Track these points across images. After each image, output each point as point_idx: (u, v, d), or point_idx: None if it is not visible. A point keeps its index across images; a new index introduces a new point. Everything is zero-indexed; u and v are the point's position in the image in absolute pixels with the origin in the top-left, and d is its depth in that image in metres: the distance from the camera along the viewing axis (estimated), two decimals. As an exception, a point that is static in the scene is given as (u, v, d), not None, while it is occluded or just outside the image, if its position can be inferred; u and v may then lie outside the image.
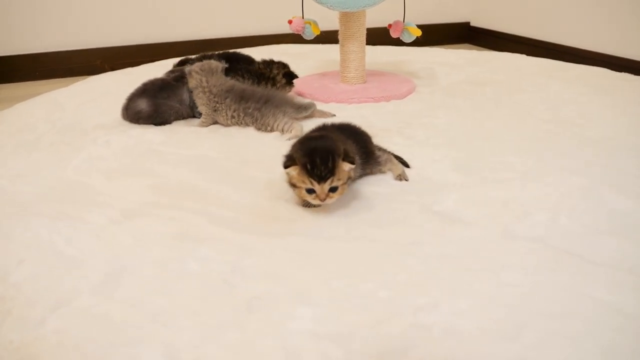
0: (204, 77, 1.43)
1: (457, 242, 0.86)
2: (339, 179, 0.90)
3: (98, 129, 1.46)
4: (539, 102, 1.57)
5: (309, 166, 0.88)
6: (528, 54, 2.17)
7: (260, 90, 1.48)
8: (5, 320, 0.74)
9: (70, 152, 1.30)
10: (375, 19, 2.01)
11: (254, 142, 1.34)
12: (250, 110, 1.41)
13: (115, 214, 0.99)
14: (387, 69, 1.99)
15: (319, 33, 1.72)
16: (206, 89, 1.42)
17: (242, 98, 1.42)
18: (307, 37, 1.73)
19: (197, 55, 1.64)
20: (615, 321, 0.69)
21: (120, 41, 2.42)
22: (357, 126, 1.12)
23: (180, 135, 1.40)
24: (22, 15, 2.28)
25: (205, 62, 1.48)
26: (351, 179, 0.96)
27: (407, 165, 1.15)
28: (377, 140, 1.29)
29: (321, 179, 0.88)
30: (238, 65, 1.59)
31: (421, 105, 1.57)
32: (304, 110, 1.45)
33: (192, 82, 1.44)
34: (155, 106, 1.45)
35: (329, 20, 1.89)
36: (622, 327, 0.68)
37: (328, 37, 2.11)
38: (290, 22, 1.70)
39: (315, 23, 1.71)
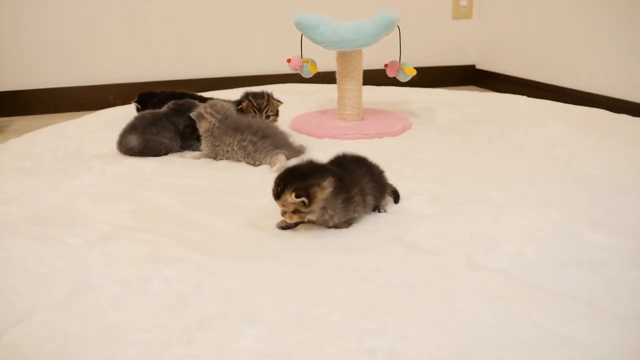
0: (217, 122, 1.44)
1: (419, 270, 0.86)
2: (283, 205, 0.96)
3: (96, 158, 1.51)
4: (532, 141, 1.56)
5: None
6: (531, 96, 2.17)
7: (257, 122, 1.51)
8: (-35, 331, 0.76)
9: (64, 179, 1.35)
10: (380, 60, 2.06)
11: (242, 172, 1.37)
12: (244, 144, 1.44)
13: (91, 236, 1.02)
14: (387, 108, 2.02)
15: (316, 71, 1.77)
16: (215, 134, 1.44)
17: (236, 130, 1.45)
18: (305, 75, 1.79)
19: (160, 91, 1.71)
20: (566, 351, 0.67)
21: (131, 78, 2.52)
22: (370, 160, 1.13)
23: (173, 165, 1.44)
24: (38, 52, 2.41)
25: (217, 104, 1.48)
26: (307, 213, 0.97)
27: (396, 201, 1.16)
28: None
29: (274, 198, 0.97)
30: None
31: (413, 142, 1.59)
32: (297, 153, 1.48)
33: (203, 126, 1.45)
34: (145, 142, 1.49)
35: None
36: (573, 358, 0.66)
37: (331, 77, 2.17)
38: (289, 60, 1.75)
39: (314, 62, 1.76)
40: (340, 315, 0.75)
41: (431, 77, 2.67)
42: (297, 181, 0.95)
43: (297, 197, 0.94)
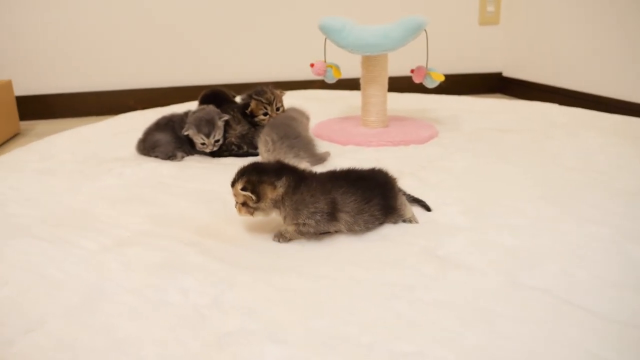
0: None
1: (454, 289, 0.80)
2: (234, 195, 0.95)
3: (115, 161, 1.49)
4: (566, 150, 1.49)
5: None
6: (561, 104, 2.10)
7: (280, 120, 1.49)
8: (-26, 339, 0.72)
9: (83, 181, 1.32)
10: (402, 66, 2.01)
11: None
12: (267, 139, 1.42)
13: (107, 241, 0.98)
14: (412, 116, 1.96)
15: (340, 76, 1.72)
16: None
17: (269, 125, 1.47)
18: (328, 80, 1.74)
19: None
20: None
21: (152, 83, 2.50)
22: (387, 177, 1.04)
23: (192, 170, 1.40)
24: (61, 58, 2.41)
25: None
26: (256, 209, 0.94)
27: (428, 209, 1.10)
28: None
29: (230, 185, 0.96)
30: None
31: (440, 150, 1.53)
32: (317, 160, 1.43)
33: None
34: (170, 136, 1.50)
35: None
36: (631, 393, 0.59)
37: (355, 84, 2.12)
38: (312, 65, 1.71)
39: (337, 67, 1.72)
40: (371, 336, 0.69)
41: (456, 84, 2.60)
42: (253, 175, 0.93)
43: (242, 189, 0.92)
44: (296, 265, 0.88)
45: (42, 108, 2.42)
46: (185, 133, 1.47)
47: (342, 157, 1.47)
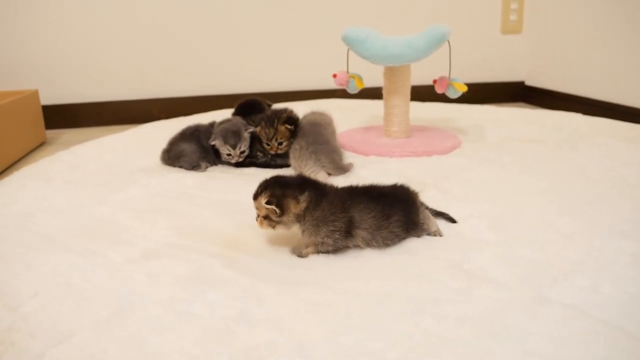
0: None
1: (482, 304, 0.79)
2: (257, 208, 0.95)
3: (141, 172, 1.51)
4: (593, 161, 1.47)
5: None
6: (585, 114, 2.07)
7: (310, 127, 1.52)
8: (6, 351, 0.73)
9: (110, 192, 1.34)
10: (423, 76, 2.00)
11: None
12: (295, 146, 1.45)
13: (135, 253, 0.99)
14: (434, 125, 1.95)
15: (363, 87, 1.73)
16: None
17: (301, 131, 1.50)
18: (351, 90, 1.74)
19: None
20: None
21: (175, 92, 2.54)
22: (408, 192, 1.03)
23: (216, 181, 1.41)
24: (87, 67, 2.46)
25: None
26: (278, 223, 0.93)
27: (453, 221, 1.09)
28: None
29: (253, 198, 0.95)
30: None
31: (464, 161, 1.52)
32: (339, 170, 1.44)
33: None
34: (195, 146, 1.52)
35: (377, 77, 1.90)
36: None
37: (375, 93, 2.11)
38: (334, 75, 1.71)
39: (360, 77, 1.72)
40: (398, 352, 0.68)
41: (478, 93, 2.59)
42: (276, 188, 0.92)
43: (267, 203, 0.91)
44: (323, 279, 0.87)
45: (67, 117, 2.47)
46: (212, 143, 1.49)
47: (365, 168, 1.47)
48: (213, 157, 1.54)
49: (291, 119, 1.50)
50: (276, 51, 2.57)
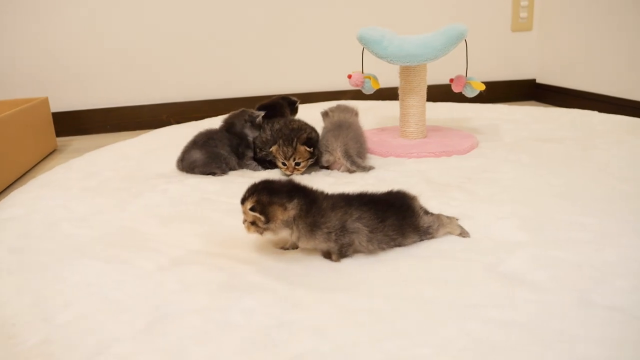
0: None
1: (525, 307, 0.77)
2: (243, 213, 0.93)
3: (158, 178, 1.50)
4: (615, 160, 1.46)
5: None
6: (600, 111, 2.06)
7: (338, 119, 1.56)
8: (45, 363, 0.72)
9: (129, 198, 1.33)
10: (435, 76, 1.99)
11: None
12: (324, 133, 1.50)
13: (164, 261, 0.98)
14: (448, 125, 1.94)
15: (378, 87, 1.72)
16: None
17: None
18: (366, 91, 1.73)
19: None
20: None
21: (184, 97, 2.53)
22: (404, 198, 1.00)
23: (235, 186, 1.40)
24: (95, 74, 2.44)
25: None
26: (265, 230, 0.91)
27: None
28: (437, 194, 1.24)
29: (240, 202, 0.93)
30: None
31: (484, 161, 1.51)
32: (359, 168, 1.44)
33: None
34: (208, 154, 1.49)
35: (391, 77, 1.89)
36: None
37: (388, 93, 2.10)
38: (349, 76, 1.70)
39: (375, 77, 1.71)
40: (445, 358, 0.67)
41: (489, 92, 2.57)
42: (263, 194, 0.90)
43: (251, 209, 0.90)
44: (358, 284, 0.86)
45: (76, 124, 2.46)
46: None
47: (384, 170, 1.46)
48: (229, 163, 1.52)
49: (311, 140, 1.45)
50: (286, 53, 2.56)
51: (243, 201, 0.92)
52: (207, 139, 1.54)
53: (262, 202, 0.90)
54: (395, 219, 0.96)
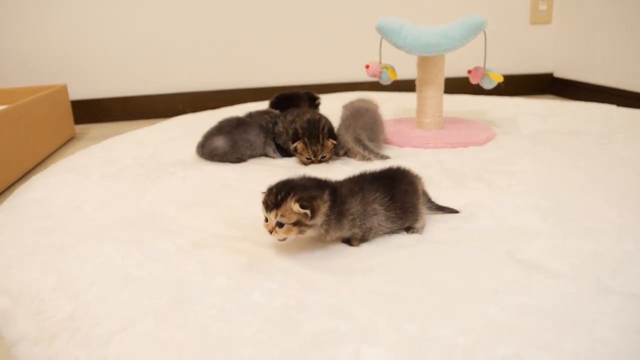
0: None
1: (543, 293, 0.78)
2: (282, 216, 0.87)
3: (176, 164, 1.52)
4: (634, 153, 1.45)
5: (266, 193, 0.90)
6: (618, 105, 2.04)
7: (357, 105, 1.58)
8: (73, 336, 0.74)
9: (148, 185, 1.35)
10: (454, 67, 1.99)
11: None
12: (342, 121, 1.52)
13: (184, 243, 0.99)
14: (465, 117, 1.94)
15: (396, 78, 1.72)
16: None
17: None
18: (383, 82, 1.73)
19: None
20: None
21: (200, 86, 2.55)
22: (406, 176, 1.01)
23: (253, 173, 1.42)
24: (113, 62, 2.47)
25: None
26: (308, 227, 0.88)
27: (455, 212, 1.09)
28: (455, 184, 1.24)
29: (272, 207, 0.87)
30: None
31: (501, 153, 1.51)
32: (371, 154, 1.45)
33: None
34: (232, 142, 1.50)
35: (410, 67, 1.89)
36: None
37: (405, 85, 2.10)
38: (367, 67, 1.71)
39: (393, 68, 1.71)
40: (465, 339, 0.68)
41: (506, 85, 2.57)
42: (300, 190, 0.88)
43: (302, 207, 0.85)
44: (377, 268, 0.87)
45: (94, 112, 2.49)
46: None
47: (402, 160, 1.47)
48: (259, 146, 1.53)
49: (332, 131, 1.46)
50: (302, 44, 2.57)
51: (279, 204, 0.87)
52: (235, 126, 1.52)
53: (305, 198, 0.87)
54: (400, 194, 0.96)
